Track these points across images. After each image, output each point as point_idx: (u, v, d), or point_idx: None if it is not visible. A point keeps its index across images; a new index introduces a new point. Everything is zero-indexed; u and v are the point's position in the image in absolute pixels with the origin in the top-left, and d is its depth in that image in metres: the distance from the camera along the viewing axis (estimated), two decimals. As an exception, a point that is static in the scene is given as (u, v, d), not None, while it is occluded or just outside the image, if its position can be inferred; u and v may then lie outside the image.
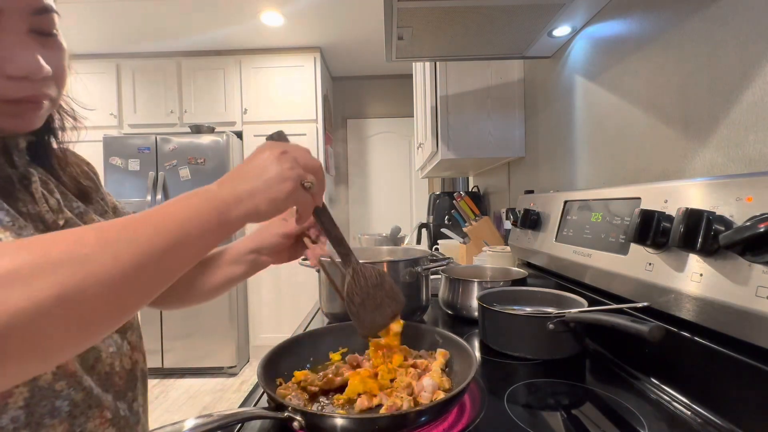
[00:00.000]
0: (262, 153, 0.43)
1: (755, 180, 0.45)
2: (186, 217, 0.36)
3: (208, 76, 3.21)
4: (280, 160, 0.43)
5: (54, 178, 0.49)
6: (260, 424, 0.53)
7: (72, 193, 0.51)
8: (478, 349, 0.79)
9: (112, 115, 3.20)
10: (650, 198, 0.62)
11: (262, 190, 0.41)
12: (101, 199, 0.57)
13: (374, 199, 3.98)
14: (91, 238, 0.30)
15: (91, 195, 0.55)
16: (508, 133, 1.48)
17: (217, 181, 0.41)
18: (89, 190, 0.55)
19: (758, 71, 0.54)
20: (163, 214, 0.35)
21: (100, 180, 0.61)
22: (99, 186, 0.59)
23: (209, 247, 0.38)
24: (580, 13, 0.93)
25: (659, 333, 0.49)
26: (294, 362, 0.62)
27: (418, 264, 0.93)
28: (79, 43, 3.04)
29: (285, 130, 2.80)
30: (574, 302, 0.77)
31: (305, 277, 3.15)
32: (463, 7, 0.85)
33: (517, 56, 1.16)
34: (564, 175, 1.17)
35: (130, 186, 2.88)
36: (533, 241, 1.05)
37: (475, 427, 0.51)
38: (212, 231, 0.37)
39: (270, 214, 0.41)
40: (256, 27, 2.87)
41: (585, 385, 0.62)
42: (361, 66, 3.67)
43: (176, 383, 2.79)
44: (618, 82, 0.89)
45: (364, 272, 0.56)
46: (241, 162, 0.43)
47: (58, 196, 0.47)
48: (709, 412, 0.51)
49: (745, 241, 0.41)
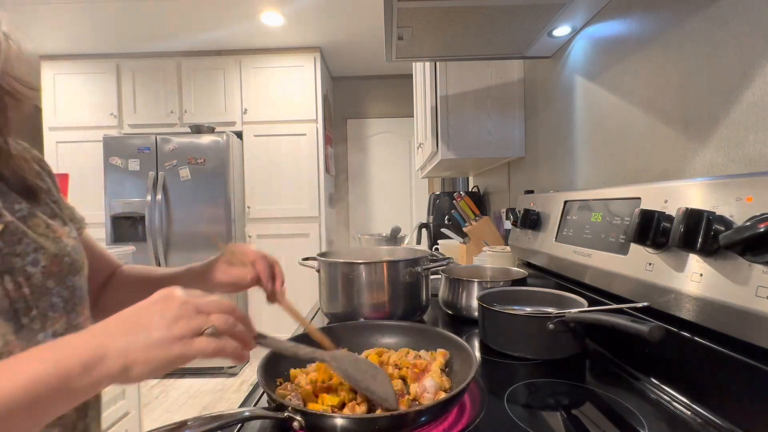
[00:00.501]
0: (157, 303, 0.38)
1: (755, 180, 0.45)
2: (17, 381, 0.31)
3: (208, 76, 3.22)
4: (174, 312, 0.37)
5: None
6: (260, 424, 0.53)
7: (14, 191, 0.46)
8: (478, 349, 0.79)
9: (112, 115, 3.20)
10: (650, 198, 0.62)
11: (138, 349, 0.35)
12: (53, 201, 0.52)
13: (374, 199, 3.98)
14: None
15: (39, 195, 0.49)
16: (508, 133, 1.48)
17: (97, 326, 0.37)
18: (37, 189, 0.49)
19: (758, 71, 0.54)
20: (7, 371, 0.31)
21: (56, 182, 0.55)
22: (53, 188, 0.54)
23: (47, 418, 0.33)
24: (580, 13, 0.93)
25: (659, 333, 0.49)
26: (294, 362, 0.62)
27: (418, 264, 0.93)
28: (79, 43, 3.04)
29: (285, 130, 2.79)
30: (574, 302, 0.77)
31: (305, 277, 3.15)
32: (463, 7, 0.85)
33: (517, 56, 1.16)
34: (564, 175, 1.17)
35: (130, 186, 2.88)
36: (533, 241, 1.05)
37: (475, 427, 0.51)
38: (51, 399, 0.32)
39: (142, 379, 0.36)
40: (256, 27, 2.87)
41: (585, 385, 0.62)
42: (361, 66, 3.67)
43: (176, 383, 2.79)
44: (618, 82, 0.89)
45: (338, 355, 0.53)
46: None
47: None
48: (709, 412, 0.51)
49: (745, 241, 0.41)
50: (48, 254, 0.46)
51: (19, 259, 0.43)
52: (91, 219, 3.10)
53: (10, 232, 0.43)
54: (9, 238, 0.43)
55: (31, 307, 0.43)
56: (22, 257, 0.43)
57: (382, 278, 0.90)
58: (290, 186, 3.23)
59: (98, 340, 0.35)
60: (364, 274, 0.90)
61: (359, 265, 0.91)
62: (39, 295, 0.44)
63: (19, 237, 0.44)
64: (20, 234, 0.44)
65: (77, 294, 0.50)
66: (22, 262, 0.43)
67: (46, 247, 0.46)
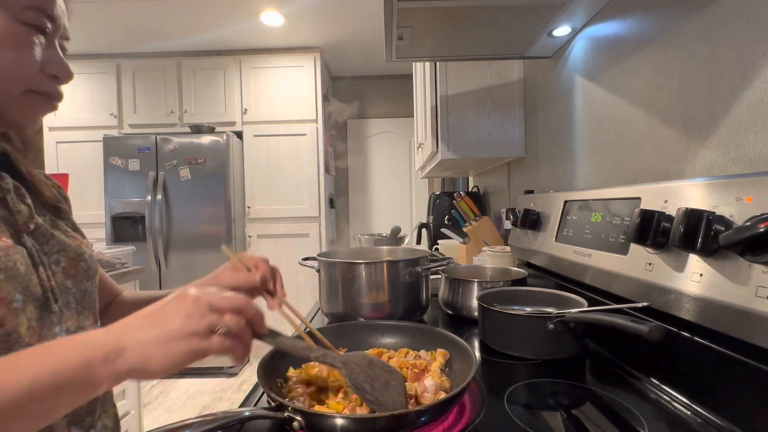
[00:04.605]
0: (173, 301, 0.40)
1: (755, 180, 0.45)
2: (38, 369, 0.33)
3: (208, 76, 3.21)
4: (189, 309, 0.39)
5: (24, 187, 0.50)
6: (260, 424, 0.53)
7: (41, 204, 0.52)
8: (478, 349, 0.79)
9: (112, 115, 3.20)
10: (650, 198, 0.62)
11: (156, 343, 0.37)
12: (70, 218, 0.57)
13: (374, 199, 3.98)
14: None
15: (61, 211, 0.55)
16: (508, 133, 1.48)
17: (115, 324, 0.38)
18: (60, 205, 0.55)
19: (758, 71, 0.54)
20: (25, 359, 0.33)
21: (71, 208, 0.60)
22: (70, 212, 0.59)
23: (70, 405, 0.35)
24: (580, 13, 0.93)
25: (659, 333, 0.49)
26: (294, 362, 0.62)
27: (418, 264, 0.93)
28: (79, 43, 3.04)
29: (285, 130, 2.78)
30: (574, 302, 0.77)
31: (305, 277, 3.16)
32: (463, 7, 0.85)
33: (517, 56, 1.16)
34: (564, 175, 1.17)
35: (130, 186, 2.88)
36: (533, 241, 1.05)
37: (475, 427, 0.51)
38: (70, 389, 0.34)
39: (161, 373, 0.37)
40: (256, 27, 2.87)
41: (585, 385, 0.62)
42: (361, 66, 3.67)
43: (176, 383, 2.79)
44: (618, 82, 0.89)
45: (351, 360, 0.51)
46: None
47: (30, 202, 0.48)
48: (709, 412, 0.51)
49: (745, 241, 0.41)
50: (68, 256, 0.51)
51: (47, 257, 0.48)
52: (91, 219, 3.10)
53: (41, 232, 0.48)
54: (39, 238, 0.48)
55: (57, 299, 0.48)
56: (48, 256, 0.48)
57: (382, 278, 0.90)
58: (290, 186, 3.23)
59: (118, 335, 0.37)
60: (364, 274, 0.90)
61: (359, 265, 0.91)
62: (60, 291, 0.49)
63: (48, 238, 0.49)
64: (48, 235, 0.49)
65: (87, 298, 0.53)
66: (48, 260, 0.48)
67: (68, 249, 0.51)
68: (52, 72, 0.47)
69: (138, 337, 0.37)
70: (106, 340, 0.36)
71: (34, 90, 0.46)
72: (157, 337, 0.37)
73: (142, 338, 0.37)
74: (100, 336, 0.37)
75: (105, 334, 0.37)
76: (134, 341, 0.36)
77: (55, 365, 0.33)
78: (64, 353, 0.34)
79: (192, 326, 0.38)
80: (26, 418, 0.32)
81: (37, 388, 0.32)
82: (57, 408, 0.34)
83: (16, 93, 0.45)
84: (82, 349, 0.35)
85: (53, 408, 0.34)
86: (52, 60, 0.47)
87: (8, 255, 0.41)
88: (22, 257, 0.43)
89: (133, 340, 0.37)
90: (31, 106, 0.47)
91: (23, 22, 0.43)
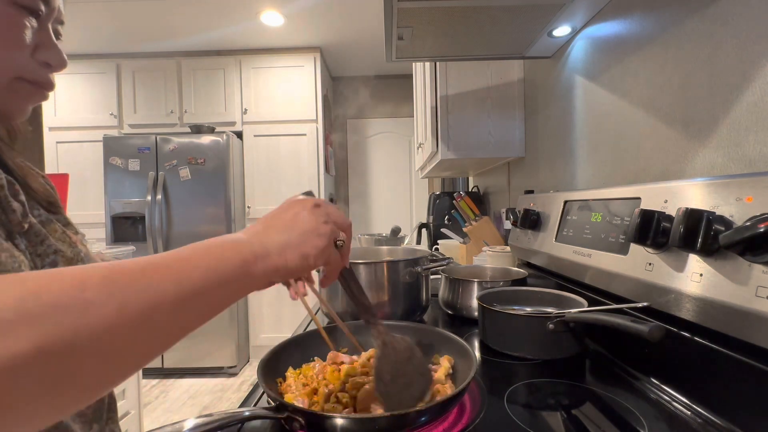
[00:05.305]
0: (294, 205, 0.42)
1: (755, 180, 0.45)
2: (207, 266, 0.33)
3: (208, 76, 3.21)
4: (314, 213, 0.41)
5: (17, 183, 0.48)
6: (260, 424, 0.53)
7: (34, 200, 0.49)
8: (478, 349, 0.79)
9: (112, 115, 3.20)
10: (650, 198, 0.62)
11: (294, 245, 0.39)
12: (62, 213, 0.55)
13: (374, 199, 3.98)
14: (95, 280, 0.26)
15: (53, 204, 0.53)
16: (508, 133, 1.48)
17: (244, 230, 0.39)
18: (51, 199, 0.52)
19: (758, 71, 0.54)
20: (181, 260, 0.32)
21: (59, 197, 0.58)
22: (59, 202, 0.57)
23: (227, 303, 0.35)
24: (580, 13, 0.93)
25: (659, 333, 0.49)
26: (294, 362, 0.62)
27: (418, 264, 0.93)
28: (79, 43, 3.04)
29: (285, 130, 2.79)
30: (574, 302, 0.77)
31: (305, 277, 3.15)
32: (463, 7, 0.85)
33: (517, 56, 1.16)
34: (564, 175, 1.17)
35: (130, 186, 2.88)
36: (533, 241, 1.05)
37: (475, 427, 0.51)
38: (235, 284, 0.34)
39: (298, 272, 0.39)
40: (256, 27, 2.87)
41: (585, 385, 0.62)
42: (361, 66, 3.67)
43: (176, 383, 2.79)
44: (618, 82, 0.89)
45: (394, 344, 0.50)
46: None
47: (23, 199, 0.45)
48: (709, 412, 0.51)
49: (745, 241, 0.41)
50: (65, 258, 0.48)
51: (40, 259, 0.45)
52: (91, 219, 3.10)
53: (34, 233, 0.45)
54: (33, 239, 0.45)
55: None
56: (43, 258, 0.45)
57: (382, 278, 0.90)
58: (290, 186, 3.23)
59: (260, 239, 0.38)
60: (364, 274, 0.90)
61: (359, 265, 0.91)
62: None
63: (42, 239, 0.46)
64: (43, 236, 0.46)
65: None
66: (42, 262, 0.45)
67: (64, 251, 0.48)
68: (45, 59, 0.44)
69: (278, 241, 0.38)
70: (253, 243, 0.37)
71: (24, 77, 0.43)
72: (293, 240, 0.39)
73: (282, 241, 0.39)
74: (244, 240, 0.37)
75: (249, 239, 0.37)
76: (275, 245, 0.38)
77: (218, 264, 0.34)
78: (220, 253, 0.35)
79: (320, 228, 0.41)
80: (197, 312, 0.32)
81: (210, 279, 0.32)
82: (220, 304, 0.34)
83: (4, 80, 0.42)
84: (236, 252, 0.35)
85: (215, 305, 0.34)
86: (44, 45, 0.44)
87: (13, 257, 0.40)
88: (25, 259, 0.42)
89: (275, 244, 0.38)
90: (20, 94, 0.44)
91: (14, 3, 0.40)
